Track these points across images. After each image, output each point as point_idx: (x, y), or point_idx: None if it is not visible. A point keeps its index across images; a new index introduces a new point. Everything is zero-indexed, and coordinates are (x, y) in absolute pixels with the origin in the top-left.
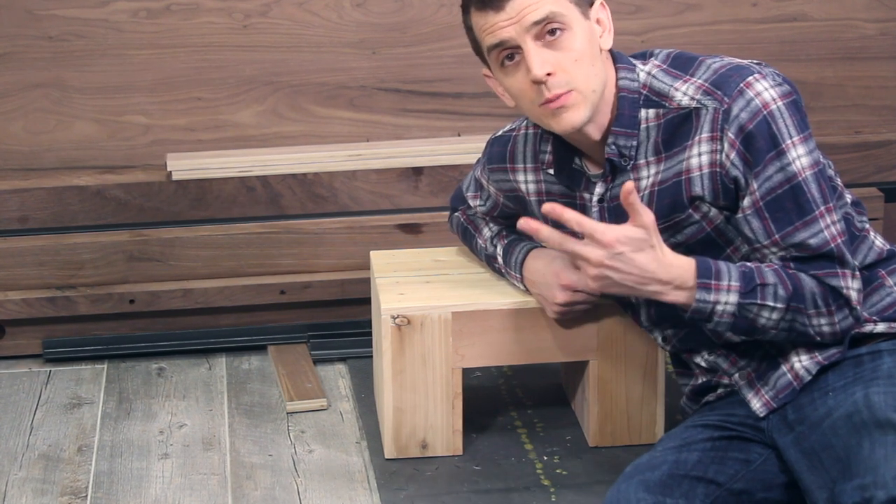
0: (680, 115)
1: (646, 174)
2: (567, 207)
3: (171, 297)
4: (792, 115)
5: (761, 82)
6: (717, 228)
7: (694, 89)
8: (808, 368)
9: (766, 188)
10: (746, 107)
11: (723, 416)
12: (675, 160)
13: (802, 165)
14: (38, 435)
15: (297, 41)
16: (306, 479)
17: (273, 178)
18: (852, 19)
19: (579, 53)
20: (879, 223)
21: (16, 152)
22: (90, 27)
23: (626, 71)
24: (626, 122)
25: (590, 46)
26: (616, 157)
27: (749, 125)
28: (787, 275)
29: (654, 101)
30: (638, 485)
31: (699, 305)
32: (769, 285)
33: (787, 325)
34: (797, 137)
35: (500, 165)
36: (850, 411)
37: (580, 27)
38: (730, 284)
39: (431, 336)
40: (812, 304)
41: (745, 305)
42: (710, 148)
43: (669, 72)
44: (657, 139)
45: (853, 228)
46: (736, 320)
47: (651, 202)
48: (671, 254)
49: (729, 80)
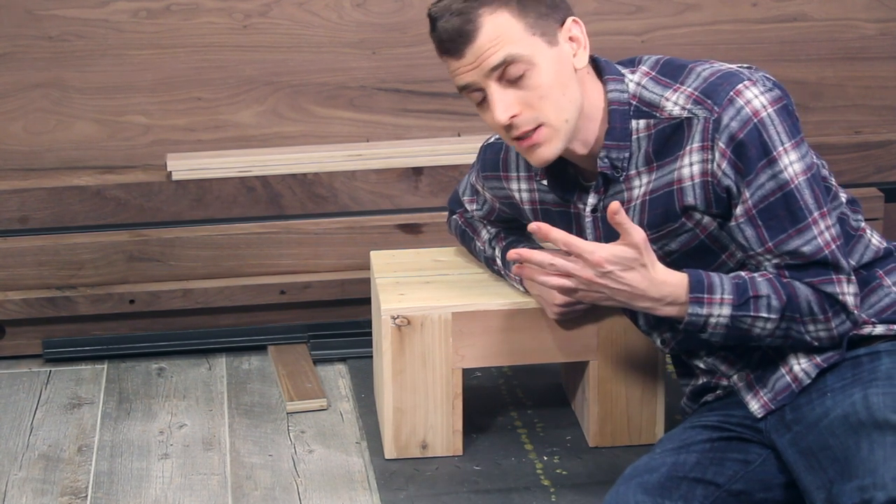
0: (671, 125)
1: (637, 184)
2: (553, 227)
3: (171, 297)
4: (783, 121)
5: (751, 89)
6: (710, 235)
7: (684, 98)
8: (807, 371)
9: (758, 196)
10: (737, 115)
11: (721, 417)
12: (667, 170)
13: (795, 172)
14: (38, 435)
15: (297, 41)
16: (306, 479)
17: (273, 178)
18: (852, 19)
19: (546, 89)
20: (879, 223)
21: (16, 152)
22: (90, 27)
23: (615, 83)
24: (617, 135)
25: (558, 76)
26: (608, 170)
27: (739, 134)
28: (782, 284)
29: (644, 112)
30: (636, 487)
31: (692, 319)
32: (762, 297)
33: (783, 332)
34: (788, 144)
35: (493, 173)
36: (849, 412)
37: (545, 60)
38: (722, 297)
39: (431, 336)
40: (808, 313)
41: (738, 317)
42: (702, 157)
43: (659, 80)
44: (648, 149)
45: (848, 228)
46: (729, 331)
47: (643, 212)
48: (663, 270)
49: (719, 88)
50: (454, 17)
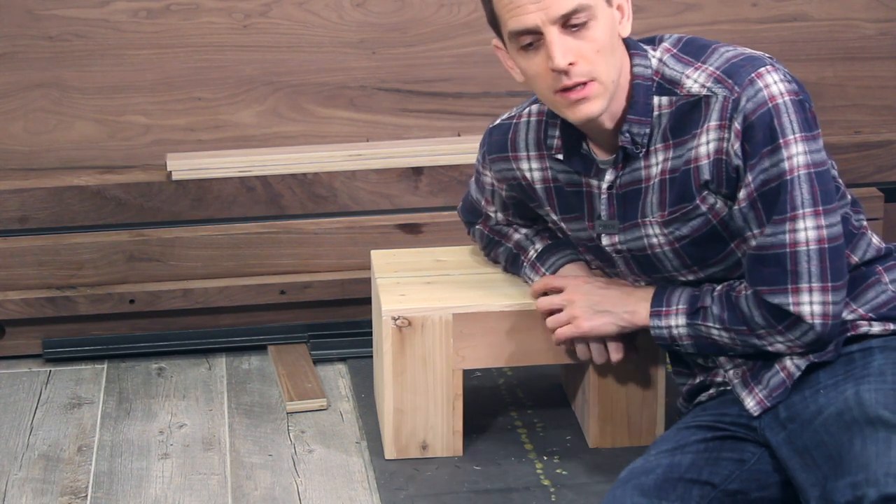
0: (689, 102)
1: (655, 161)
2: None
3: (171, 297)
4: (797, 112)
5: (773, 74)
6: (722, 221)
7: (705, 77)
8: (797, 365)
9: (759, 181)
10: (754, 97)
11: (715, 416)
12: (685, 148)
13: (797, 164)
14: (38, 435)
15: (297, 41)
16: (306, 479)
17: (273, 178)
18: (852, 19)
19: (601, 44)
20: (879, 223)
21: (16, 152)
22: (90, 27)
23: (639, 58)
24: (640, 110)
25: (610, 36)
26: (629, 144)
27: (752, 116)
28: (728, 297)
29: (666, 89)
30: (633, 490)
31: (656, 333)
32: (707, 307)
33: (743, 342)
34: (799, 135)
35: (501, 154)
36: (842, 409)
37: (604, 16)
38: (677, 308)
39: (432, 337)
40: (757, 325)
41: (694, 325)
42: (718, 136)
43: (680, 58)
44: (666, 126)
45: (851, 227)
46: (697, 341)
47: (662, 190)
48: (629, 286)
49: (741, 69)
50: None
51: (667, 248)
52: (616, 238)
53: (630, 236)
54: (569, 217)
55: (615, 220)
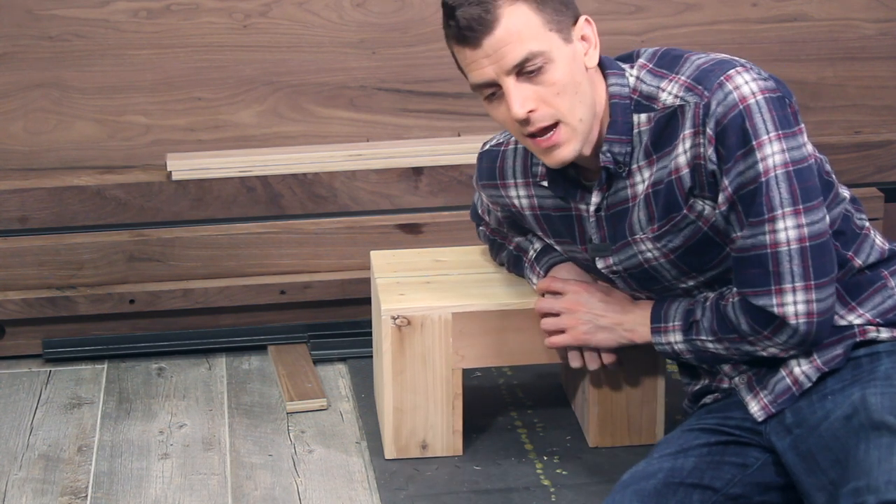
0: (665, 115)
1: (640, 179)
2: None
3: (171, 297)
4: (772, 110)
5: (742, 75)
6: (713, 226)
7: (678, 87)
8: (807, 374)
9: (736, 184)
10: (724, 100)
11: (720, 420)
12: (666, 160)
13: (773, 164)
14: (38, 435)
15: (297, 41)
16: (306, 479)
17: (273, 178)
18: (852, 19)
19: (561, 85)
20: (879, 223)
21: (16, 152)
22: (90, 27)
23: (615, 77)
24: (619, 129)
25: (572, 74)
26: (611, 164)
27: (724, 120)
28: (717, 306)
29: (644, 105)
30: (632, 495)
31: (659, 349)
32: (699, 321)
33: (738, 350)
34: (773, 134)
35: (490, 182)
36: (848, 413)
37: (562, 57)
38: (673, 325)
39: (432, 337)
40: (745, 333)
41: (690, 341)
42: (693, 142)
43: (656, 72)
44: (647, 143)
45: (853, 226)
46: (696, 355)
47: (649, 205)
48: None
49: (710, 74)
50: (473, 6)
51: (662, 261)
52: (611, 260)
53: (624, 256)
54: (561, 241)
55: (606, 241)
